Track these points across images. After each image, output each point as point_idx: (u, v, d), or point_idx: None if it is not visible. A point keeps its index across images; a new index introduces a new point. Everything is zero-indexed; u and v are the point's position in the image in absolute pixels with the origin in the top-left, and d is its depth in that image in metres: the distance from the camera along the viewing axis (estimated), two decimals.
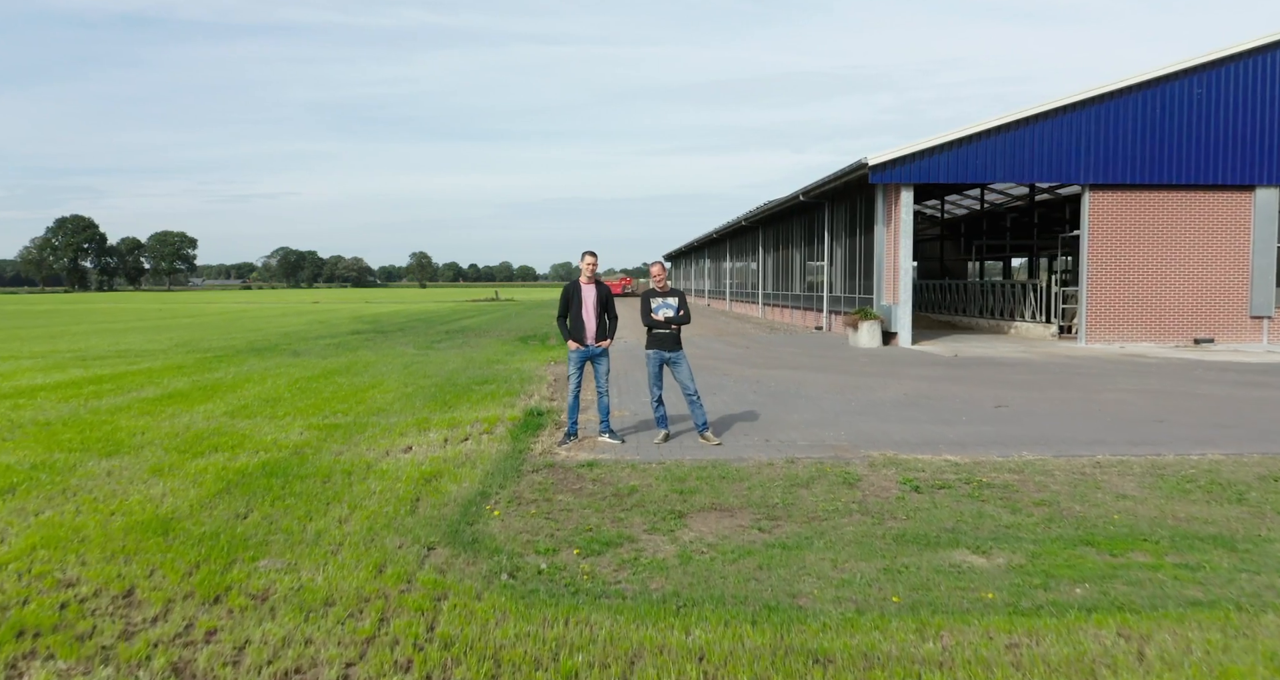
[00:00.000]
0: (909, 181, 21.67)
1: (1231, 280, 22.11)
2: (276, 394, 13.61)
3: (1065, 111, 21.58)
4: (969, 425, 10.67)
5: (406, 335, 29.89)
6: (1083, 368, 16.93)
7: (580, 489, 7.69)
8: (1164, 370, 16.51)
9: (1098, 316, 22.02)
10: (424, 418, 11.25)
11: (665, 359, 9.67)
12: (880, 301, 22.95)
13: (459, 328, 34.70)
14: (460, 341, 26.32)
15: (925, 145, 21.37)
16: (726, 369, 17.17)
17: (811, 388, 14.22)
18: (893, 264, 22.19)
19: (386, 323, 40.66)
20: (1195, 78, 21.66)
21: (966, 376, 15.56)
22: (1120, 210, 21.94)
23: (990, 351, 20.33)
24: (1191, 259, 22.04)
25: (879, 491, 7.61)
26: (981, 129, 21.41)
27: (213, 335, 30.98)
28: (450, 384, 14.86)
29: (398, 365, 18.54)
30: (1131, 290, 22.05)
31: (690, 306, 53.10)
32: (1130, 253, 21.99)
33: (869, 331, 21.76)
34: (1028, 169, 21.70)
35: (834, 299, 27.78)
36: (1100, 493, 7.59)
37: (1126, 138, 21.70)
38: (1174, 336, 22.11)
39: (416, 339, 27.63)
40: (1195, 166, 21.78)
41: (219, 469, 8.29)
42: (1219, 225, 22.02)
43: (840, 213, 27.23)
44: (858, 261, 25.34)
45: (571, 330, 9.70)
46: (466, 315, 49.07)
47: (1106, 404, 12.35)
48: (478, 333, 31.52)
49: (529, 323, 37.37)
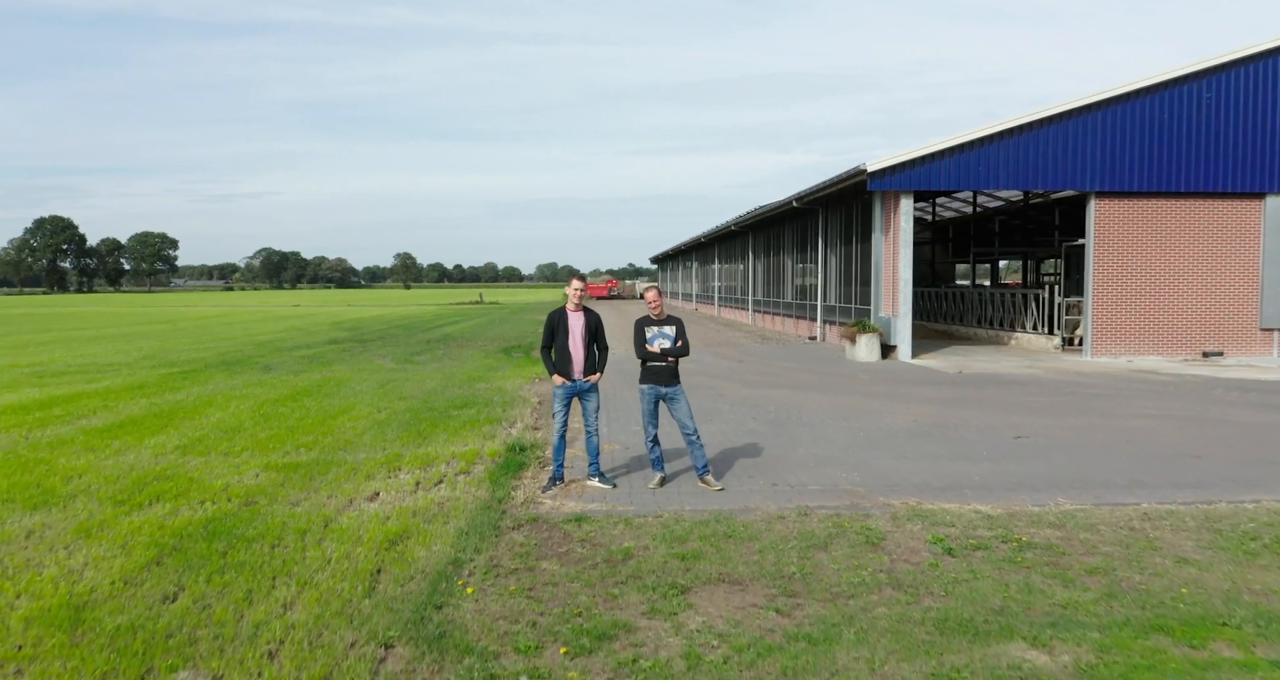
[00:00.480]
0: (909, 188, 20.82)
1: (1240, 291, 21.36)
2: (237, 422, 12.58)
3: (1071, 116, 20.78)
4: (991, 462, 9.77)
5: (386, 345, 28.84)
6: (1095, 387, 16.09)
7: (567, 553, 6.73)
8: (1181, 390, 15.69)
9: (1104, 329, 21.23)
10: (395, 454, 10.26)
11: (661, 395, 8.72)
12: (878, 313, 22.08)
13: (441, 336, 33.67)
14: (441, 353, 25.30)
15: (926, 151, 20.52)
16: (721, 388, 16.24)
17: (814, 412, 13.30)
18: (892, 274, 21.32)
19: (366, 329, 39.57)
20: (1204, 82, 20.90)
21: (976, 398, 14.68)
22: (1127, 219, 21.16)
23: (995, 367, 19.49)
24: (1199, 269, 21.28)
25: (908, 555, 6.69)
26: (984, 134, 20.57)
27: (184, 345, 29.83)
28: (427, 408, 13.86)
29: (372, 383, 17.53)
30: (1138, 302, 21.26)
31: (678, 314, 52.04)
32: (1137, 263, 21.21)
33: (867, 345, 20.88)
34: (1032, 176, 20.88)
35: (828, 308, 26.92)
36: (1158, 556, 6.69)
37: (1133, 144, 20.91)
38: (1182, 349, 21.34)
39: (396, 350, 26.59)
40: (1204, 174, 21.02)
41: (155, 528, 7.28)
42: (1227, 234, 21.27)
43: (835, 219, 26.36)
44: (853, 270, 24.48)
45: (557, 363, 8.73)
46: (449, 320, 47.96)
47: (1132, 433, 11.49)
48: (460, 341, 30.50)
49: (513, 330, 36.36)
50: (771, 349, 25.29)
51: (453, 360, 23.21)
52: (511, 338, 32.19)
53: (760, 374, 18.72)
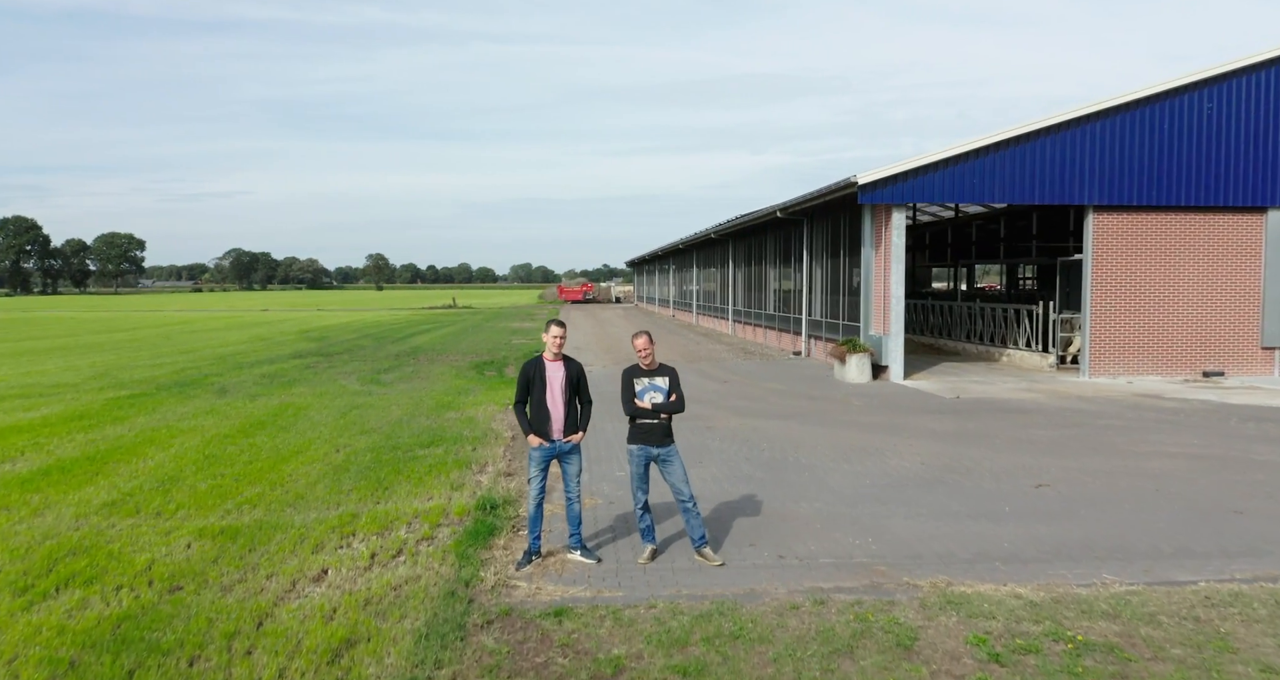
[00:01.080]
0: (901, 202, 19.90)
1: (1241, 308, 20.63)
2: (178, 468, 11.37)
3: (1068, 127, 19.96)
4: (1017, 521, 8.80)
5: (352, 360, 27.57)
6: (1103, 416, 15.22)
7: (546, 666, 5.65)
8: (1193, 420, 14.84)
9: (1102, 348, 20.42)
10: (350, 513, 9.12)
11: (653, 457, 7.67)
12: (868, 331, 21.15)
13: (410, 348, 32.39)
14: (409, 370, 24.09)
15: (919, 163, 19.61)
16: (708, 417, 15.20)
17: (811, 451, 12.30)
18: (883, 291, 20.40)
19: (333, 340, 38.19)
20: (1204, 92, 20.14)
21: (982, 432, 13.74)
22: (1125, 233, 20.37)
23: (993, 390, 18.60)
24: (1199, 286, 20.53)
25: (949, 663, 5.67)
26: (980, 145, 19.70)
27: (140, 359, 28.39)
28: (389, 446, 12.71)
29: (333, 412, 16.34)
30: (1137, 320, 20.48)
31: (655, 323, 50.43)
32: (1136, 279, 20.42)
33: (858, 365, 19.94)
34: (1028, 188, 20.03)
35: (813, 323, 25.98)
36: (1237, 662, 5.72)
37: (1132, 156, 20.12)
38: (1181, 369, 20.58)
39: (362, 366, 25.34)
40: (1204, 187, 20.27)
41: (53, 633, 6.11)
42: (1228, 249, 20.54)
43: (821, 230, 25.43)
44: (841, 284, 23.55)
45: (533, 421, 7.62)
46: (420, 328, 46.57)
47: (1159, 478, 10.57)
48: (430, 355, 29.27)
49: (485, 341, 35.12)
50: (756, 366, 24.31)
51: (421, 379, 22.03)
52: (484, 351, 31.01)
53: (748, 399, 17.71)
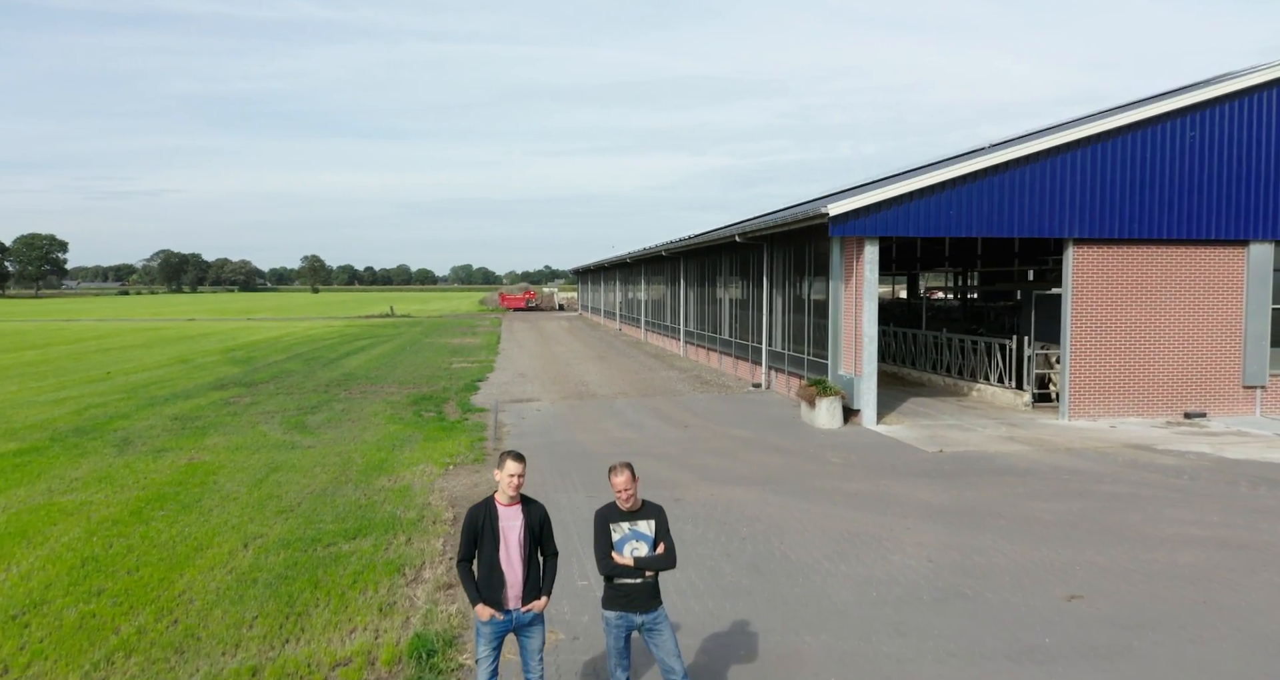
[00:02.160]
0: (873, 234, 18.57)
1: (1223, 345, 19.73)
2: (45, 584, 9.38)
3: (1047, 155, 18.83)
4: (1068, 664, 7.34)
5: (278, 391, 25.39)
6: (1103, 478, 13.99)
7: None
8: (1200, 484, 13.68)
9: (1081, 388, 19.34)
10: (250, 665, 7.31)
11: (636, 625, 6.00)
12: (837, 370, 19.78)
13: (342, 374, 30.21)
14: (340, 409, 22.07)
15: (893, 193, 18.29)
16: (676, 484, 13.60)
17: (800, 539, 10.77)
18: (855, 329, 19.03)
19: (260, 361, 35.76)
20: (1187, 119, 19.20)
21: (982, 508, 12.36)
22: (1106, 267, 19.32)
23: (974, 439, 17.34)
24: (1180, 322, 19.58)
25: None
26: (956, 175, 18.46)
27: (45, 389, 25.84)
28: (309, 538, 10.86)
29: (249, 476, 14.39)
30: (1117, 357, 19.45)
31: (603, 339, 47.72)
32: (1116, 315, 19.39)
33: (829, 410, 18.54)
34: (1007, 221, 18.86)
35: (775, 354, 24.57)
36: None
37: (1113, 186, 19.09)
38: (1163, 409, 19.60)
39: (287, 401, 23.21)
40: (1186, 219, 19.32)
41: None
42: (1210, 284, 19.62)
43: (784, 256, 24.04)
44: (806, 316, 22.16)
45: (482, 586, 5.85)
46: (356, 344, 44.06)
47: (1201, 583, 9.25)
48: (363, 384, 27.20)
49: (424, 364, 33.00)
50: (717, 403, 22.79)
51: (352, 423, 20.09)
52: (421, 379, 29.01)
53: (715, 453, 16.15)
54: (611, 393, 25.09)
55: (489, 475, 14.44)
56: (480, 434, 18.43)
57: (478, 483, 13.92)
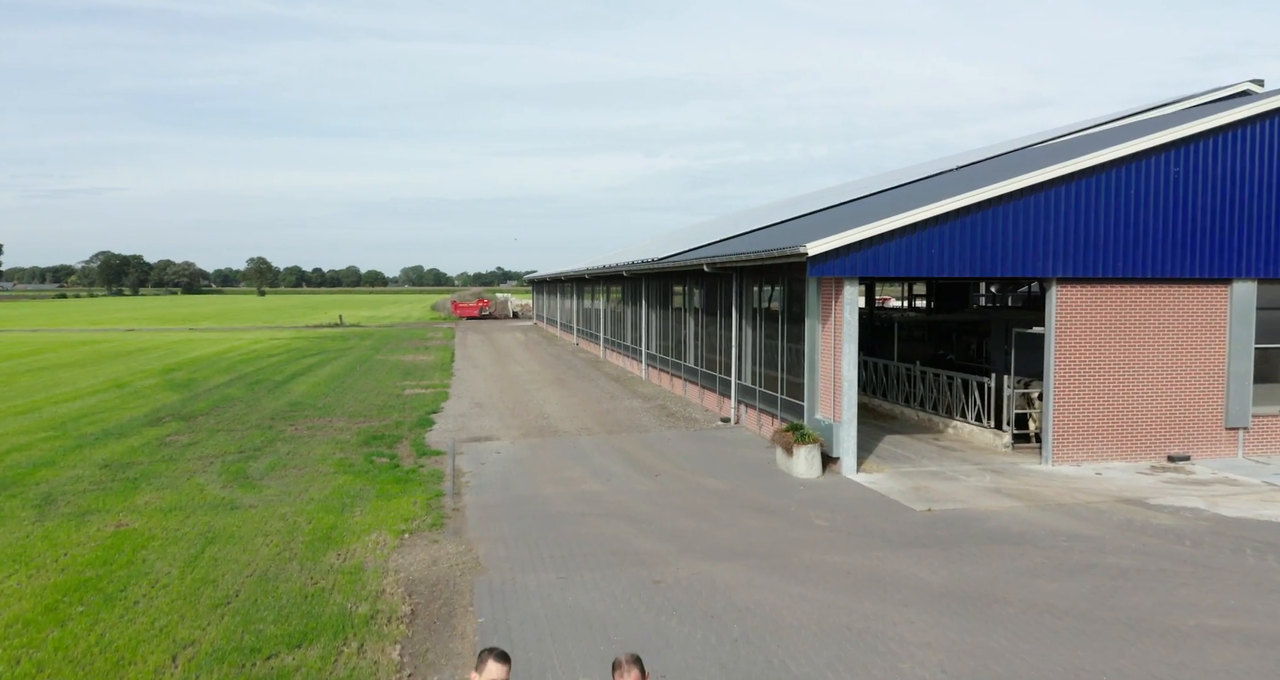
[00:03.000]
0: (854, 274, 17.72)
1: (1205, 386, 19.23)
2: None
3: (1032, 192, 18.16)
4: None
5: (218, 427, 23.83)
6: (1104, 547, 13.24)
7: None
8: (1205, 552, 12.99)
9: (1065, 431, 18.71)
10: None
11: None
12: (814, 413, 18.91)
13: (289, 403, 28.64)
14: (286, 451, 20.67)
15: (874, 231, 17.46)
16: (652, 557, 12.53)
17: (798, 643, 9.79)
18: (834, 373, 18.17)
19: (202, 385, 33.97)
20: (1172, 154, 18.66)
21: (986, 593, 11.50)
22: (1090, 308, 18.71)
23: (960, 491, 16.56)
24: (1163, 362, 19.04)
25: None
26: (939, 212, 17.69)
27: None
28: (247, 647, 9.61)
29: (183, 551, 13.08)
30: (1100, 399, 18.84)
31: (560, 355, 46.28)
32: (1099, 356, 18.78)
33: (807, 458, 17.64)
34: (990, 260, 18.15)
35: (744, 389, 23.66)
36: None
37: (1098, 224, 18.48)
38: (1146, 452, 19.05)
39: (228, 441, 21.70)
40: (1170, 257, 18.79)
41: None
42: (1193, 323, 19.11)
43: (754, 287, 23.14)
44: (779, 354, 21.27)
45: None
46: (303, 362, 42.15)
47: None
48: (310, 417, 25.73)
49: (375, 389, 31.45)
50: (686, 442, 21.79)
51: (299, 470, 18.76)
52: (373, 409, 27.63)
53: (690, 513, 15.13)
54: (574, 428, 23.98)
55: (448, 547, 13.29)
56: (437, 486, 17.23)
57: (436, 558, 12.75)
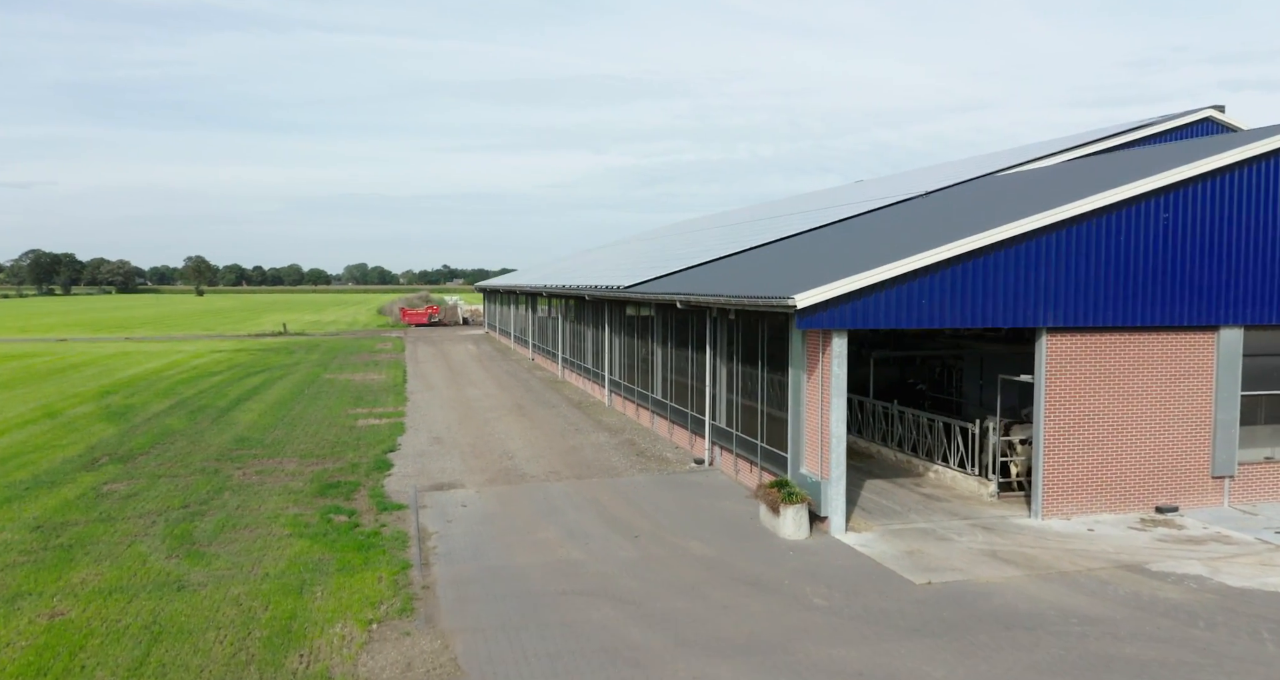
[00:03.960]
0: (843, 326, 16.96)
1: (1191, 435, 18.87)
2: None
3: (1023, 240, 17.59)
4: None
5: (162, 466, 22.27)
6: (1117, 632, 12.63)
7: None
8: (1218, 633, 12.46)
9: (1055, 483, 18.20)
10: None
11: None
12: (799, 467, 18.15)
13: (235, 438, 27.04)
14: (235, 505, 19.29)
15: (864, 282, 16.72)
16: (642, 650, 11.59)
17: None
18: (821, 427, 17.40)
19: (140, 414, 32.14)
20: (1162, 200, 18.23)
21: None
22: (1079, 357, 18.21)
23: (957, 555, 15.90)
24: (1150, 411, 18.63)
25: None
26: (931, 262, 17.00)
27: None
28: None
29: (126, 654, 11.85)
30: (1091, 450, 18.37)
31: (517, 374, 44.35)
32: (1088, 405, 18.30)
33: (795, 519, 16.85)
34: (981, 311, 17.53)
35: (720, 431, 22.83)
36: None
37: (1088, 272, 17.98)
38: (1134, 503, 18.63)
39: (174, 489, 20.20)
40: (1160, 305, 18.37)
41: None
42: (1180, 371, 18.73)
43: (732, 327, 22.31)
44: (760, 400, 20.46)
45: None
46: (247, 382, 40.18)
47: None
48: (260, 457, 24.26)
49: (328, 419, 29.91)
50: (662, 491, 20.87)
51: (250, 531, 17.51)
52: (326, 445, 26.25)
53: (680, 591, 14.21)
54: (542, 471, 22.94)
55: (422, 643, 12.22)
56: (403, 553, 16.11)
57: (410, 661, 11.67)
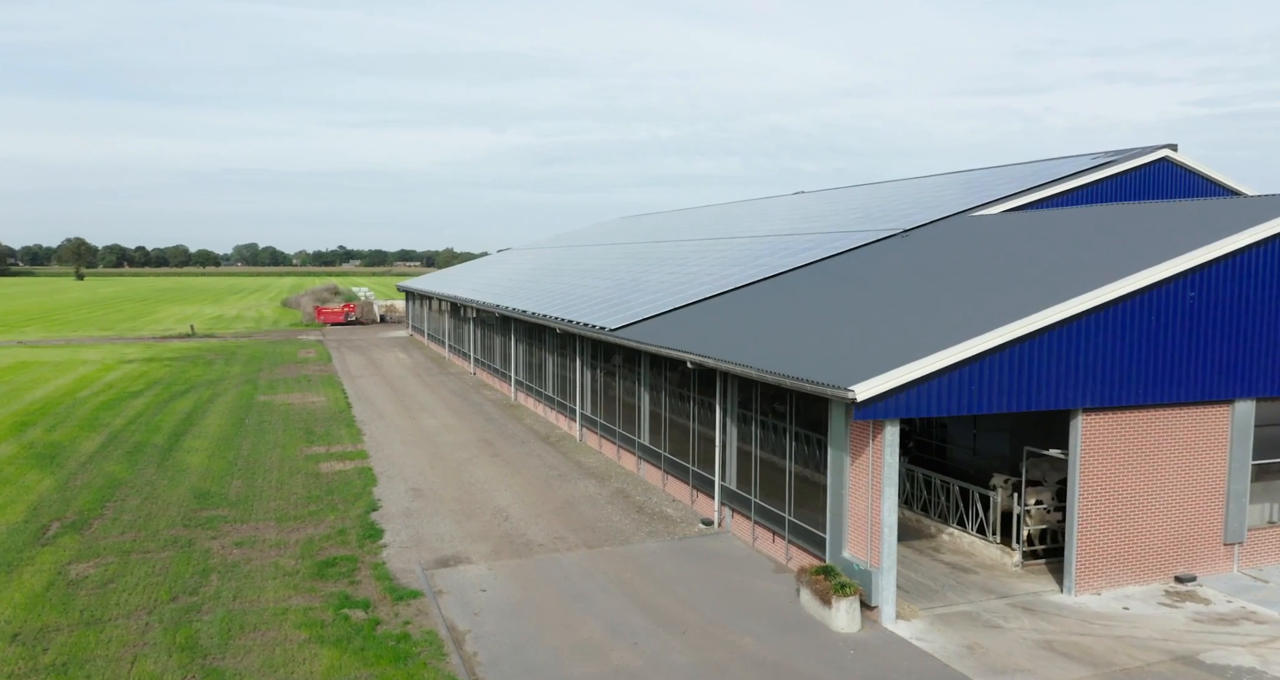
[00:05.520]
0: (894, 416, 16.65)
1: (1206, 504, 19.35)
2: None
3: (1067, 323, 17.58)
4: None
5: (126, 538, 20.40)
6: None
7: None
8: None
9: (1088, 559, 18.41)
10: None
11: None
12: (841, 551, 17.83)
13: (193, 493, 25.01)
14: (231, 593, 17.80)
15: (919, 372, 16.41)
16: None
17: None
18: (870, 515, 17.10)
19: (72, 454, 29.64)
20: (1188, 280, 18.50)
21: None
22: (1110, 435, 18.40)
23: (1013, 648, 15.83)
24: (1171, 483, 19.01)
25: None
26: (981, 350, 16.81)
27: None
28: None
29: None
30: (1119, 525, 18.64)
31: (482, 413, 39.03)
32: (1118, 482, 18.54)
33: (849, 612, 16.52)
34: (1025, 395, 17.47)
35: (731, 492, 22.36)
36: None
37: (1121, 351, 18.14)
38: (1155, 573, 19.02)
39: (152, 576, 18.49)
40: (1185, 381, 18.70)
41: None
42: (1197, 444, 19.16)
43: (745, 384, 21.79)
44: (786, 468, 20.03)
45: None
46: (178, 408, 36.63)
47: None
48: (232, 522, 22.39)
49: (287, 462, 27.90)
50: (689, 568, 20.26)
51: (259, 633, 16.22)
52: (297, 502, 24.62)
53: None
54: (547, 538, 22.07)
55: None
56: (445, 667, 15.12)
57: None
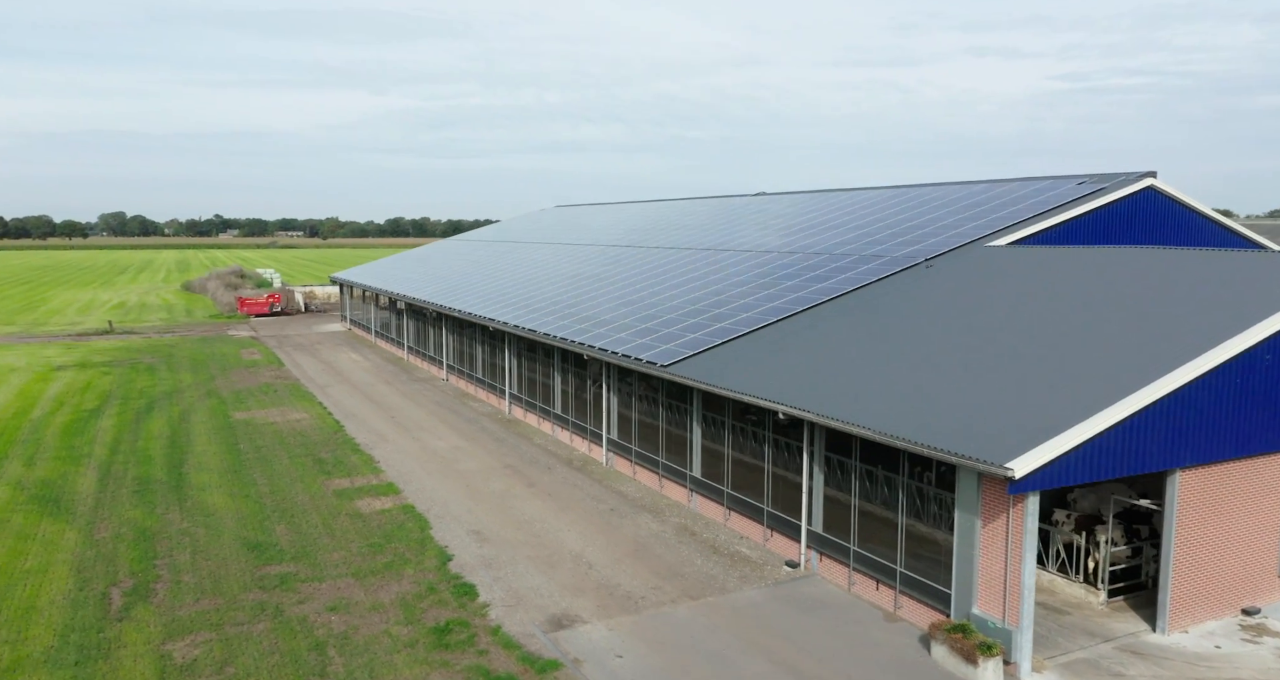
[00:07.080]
0: (1038, 488, 17.77)
1: (1265, 541, 21.39)
2: None
3: (1179, 389, 19.05)
4: None
5: (197, 601, 19.72)
6: None
7: None
8: None
9: (1180, 600, 20.15)
10: None
11: None
12: (970, 608, 18.94)
13: (246, 549, 24.13)
14: (367, 673, 17.56)
15: (1066, 446, 17.55)
16: None
17: None
18: (1008, 579, 18.23)
19: (71, 496, 28.07)
20: (1265, 345, 20.24)
21: None
22: (1200, 488, 20.10)
23: None
24: (1241, 525, 20.92)
25: None
26: (1112, 423, 18.09)
27: None
28: None
29: None
30: (1203, 567, 20.44)
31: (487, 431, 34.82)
32: (1203, 529, 20.30)
33: (994, 671, 17.66)
34: (1140, 458, 18.87)
35: (819, 537, 23.23)
36: None
37: (1214, 413, 19.78)
38: (1226, 608, 20.95)
39: (262, 654, 18.02)
40: (1260, 435, 20.55)
41: None
42: (1262, 488, 21.11)
43: (828, 438, 22.59)
44: (897, 520, 20.99)
45: None
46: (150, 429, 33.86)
47: None
48: (309, 580, 21.77)
49: (317, 500, 26.83)
50: (799, 616, 21.01)
51: None
52: (361, 553, 24.12)
53: None
54: (644, 588, 22.45)
55: None
56: None
57: None
